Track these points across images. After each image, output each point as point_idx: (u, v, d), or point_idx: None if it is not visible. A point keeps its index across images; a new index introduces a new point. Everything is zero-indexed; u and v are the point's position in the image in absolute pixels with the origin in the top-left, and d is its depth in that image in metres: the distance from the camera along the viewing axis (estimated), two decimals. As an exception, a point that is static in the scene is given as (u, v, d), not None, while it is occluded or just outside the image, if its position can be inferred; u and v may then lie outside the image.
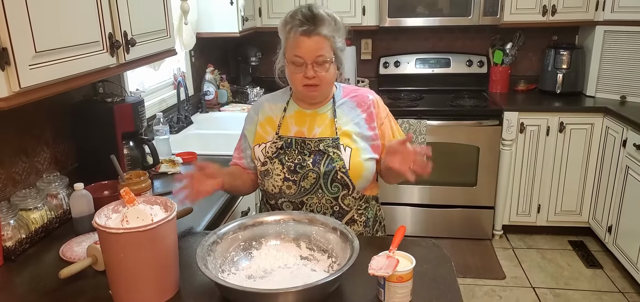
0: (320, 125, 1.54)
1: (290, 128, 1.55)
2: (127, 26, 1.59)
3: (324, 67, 1.45)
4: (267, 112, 1.60)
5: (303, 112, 1.57)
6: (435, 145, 3.25)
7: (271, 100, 1.63)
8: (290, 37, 1.46)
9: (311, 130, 1.54)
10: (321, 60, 1.44)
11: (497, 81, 3.67)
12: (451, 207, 3.47)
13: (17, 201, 1.55)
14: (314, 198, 1.51)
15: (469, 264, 3.21)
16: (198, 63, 3.27)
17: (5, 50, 1.11)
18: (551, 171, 3.33)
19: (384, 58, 3.83)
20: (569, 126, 3.22)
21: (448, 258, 1.35)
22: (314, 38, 1.42)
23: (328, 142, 1.50)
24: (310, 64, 1.44)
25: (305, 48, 1.43)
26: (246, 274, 1.26)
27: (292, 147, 1.52)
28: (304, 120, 1.55)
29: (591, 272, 3.12)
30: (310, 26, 1.42)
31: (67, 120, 1.89)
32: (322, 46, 1.43)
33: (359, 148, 1.51)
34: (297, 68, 1.46)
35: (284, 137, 1.53)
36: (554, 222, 3.45)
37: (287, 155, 1.52)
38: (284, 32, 1.49)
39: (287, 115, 1.57)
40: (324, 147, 1.50)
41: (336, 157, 1.49)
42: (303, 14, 1.43)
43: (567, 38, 3.64)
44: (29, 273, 1.37)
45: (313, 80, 1.46)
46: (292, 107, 1.59)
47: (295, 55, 1.45)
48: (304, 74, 1.45)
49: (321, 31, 1.43)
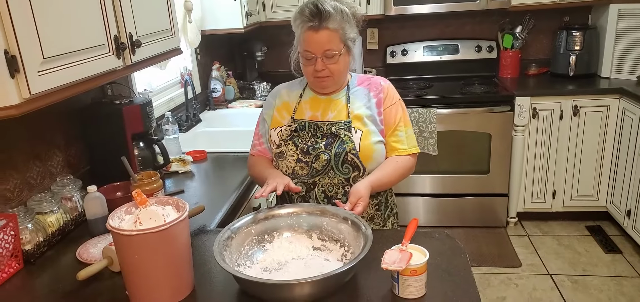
0: (333, 110, 1.59)
1: (305, 113, 1.61)
2: (131, 28, 1.60)
3: (333, 59, 1.50)
4: (284, 98, 1.66)
5: (318, 98, 1.62)
6: (446, 134, 3.24)
7: (288, 87, 1.69)
8: (300, 32, 1.51)
9: (325, 115, 1.59)
10: (330, 53, 1.49)
11: (508, 66, 3.61)
12: (464, 196, 3.44)
13: (33, 205, 1.58)
14: (326, 179, 1.54)
15: (483, 253, 3.19)
16: (204, 61, 3.28)
17: (14, 58, 1.12)
18: (566, 156, 3.28)
19: (390, 47, 3.80)
20: (583, 109, 3.17)
21: (462, 249, 1.34)
22: (322, 33, 1.47)
23: (340, 125, 1.55)
24: (320, 57, 1.49)
25: (313, 43, 1.48)
26: (261, 267, 1.28)
27: (305, 129, 1.57)
28: (319, 106, 1.60)
29: (610, 257, 3.07)
30: (316, 22, 1.46)
31: (77, 124, 1.90)
32: (330, 40, 1.47)
33: (369, 131, 1.55)
34: (308, 61, 1.52)
35: (298, 121, 1.59)
36: (570, 207, 3.41)
37: (300, 137, 1.56)
38: (295, 27, 1.54)
39: (303, 101, 1.63)
40: (335, 130, 1.54)
41: (347, 139, 1.52)
42: (309, 10, 1.47)
43: (579, 18, 3.56)
44: (48, 275, 1.40)
45: (323, 72, 1.51)
46: (307, 93, 1.64)
47: (305, 50, 1.51)
48: (314, 67, 1.51)
49: (328, 25, 1.46)
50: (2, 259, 1.36)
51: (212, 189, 1.98)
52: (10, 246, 1.37)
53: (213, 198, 1.83)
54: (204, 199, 1.82)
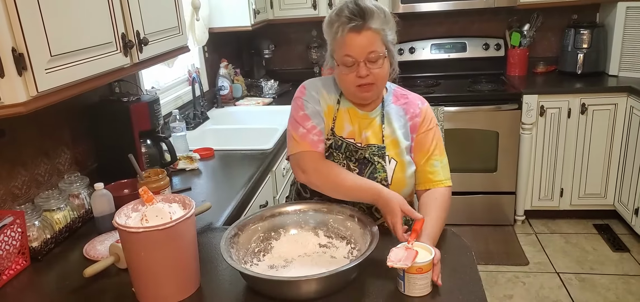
0: (368, 130, 1.45)
1: (344, 126, 1.46)
2: (139, 26, 1.60)
3: (378, 63, 1.35)
4: (327, 100, 1.48)
5: (356, 111, 1.47)
6: (454, 132, 3.22)
7: (325, 86, 1.50)
8: (338, 36, 1.34)
9: (360, 134, 1.46)
10: (374, 56, 1.34)
11: (515, 64, 3.59)
12: (472, 194, 3.42)
13: (41, 202, 1.59)
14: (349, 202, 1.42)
15: (491, 251, 3.17)
16: (211, 58, 3.28)
17: (22, 56, 1.13)
18: (573, 154, 3.26)
19: (398, 45, 3.78)
20: (591, 107, 3.14)
21: (468, 247, 1.34)
22: (365, 33, 1.32)
23: (374, 149, 1.43)
24: (363, 61, 1.34)
25: (356, 45, 1.33)
26: (268, 264, 1.29)
27: (341, 150, 1.44)
28: (355, 120, 1.47)
29: (618, 255, 3.05)
30: (359, 21, 1.31)
31: (85, 121, 1.91)
32: (373, 41, 1.33)
33: (404, 162, 1.44)
34: (348, 69, 1.36)
35: (338, 137, 1.45)
36: (577, 206, 3.38)
37: (334, 157, 1.44)
38: (331, 32, 1.38)
39: (342, 109, 1.47)
40: (369, 156, 1.43)
41: (380, 168, 1.42)
42: (350, 9, 1.33)
43: (587, 17, 3.53)
44: (55, 272, 1.40)
45: (367, 78, 1.35)
46: (344, 103, 1.48)
47: (345, 55, 1.35)
48: (356, 73, 1.35)
49: (371, 25, 1.32)
50: (10, 256, 1.37)
51: (219, 186, 1.99)
52: (17, 242, 1.38)
53: (220, 196, 1.84)
54: (211, 196, 1.83)
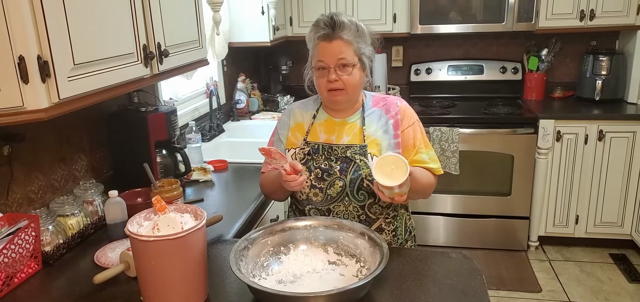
0: (349, 134, 1.54)
1: (319, 136, 1.57)
2: (160, 38, 1.64)
3: (347, 70, 1.47)
4: (298, 118, 1.62)
5: (332, 120, 1.58)
6: (468, 154, 3.20)
7: (302, 107, 1.65)
8: (313, 45, 1.50)
9: (340, 139, 1.54)
10: (343, 63, 1.46)
11: (532, 88, 3.57)
12: (485, 217, 3.38)
13: (56, 207, 1.61)
14: (341, 206, 1.51)
15: (503, 276, 3.12)
16: (230, 72, 3.33)
17: (46, 64, 1.16)
18: (590, 181, 3.21)
19: (415, 65, 3.79)
20: (609, 134, 3.10)
21: (479, 270, 1.32)
22: (336, 42, 1.46)
23: (355, 149, 1.51)
24: (333, 67, 1.47)
25: (327, 53, 1.47)
26: (276, 278, 1.28)
27: (319, 152, 1.53)
28: (333, 129, 1.56)
29: (634, 287, 2.97)
30: (330, 31, 1.46)
31: (103, 129, 1.95)
32: (343, 50, 1.46)
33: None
34: (320, 73, 1.50)
35: (312, 143, 1.55)
36: (593, 234, 3.32)
37: (314, 161, 1.53)
38: (309, 41, 1.53)
39: (317, 123, 1.59)
40: (350, 154, 1.50)
41: (363, 164, 1.49)
42: (324, 21, 1.47)
43: (606, 43, 3.50)
44: (66, 278, 1.42)
45: (336, 83, 1.48)
46: (321, 115, 1.60)
47: (318, 61, 1.49)
48: (327, 78, 1.48)
49: (342, 36, 1.46)
50: (22, 259, 1.38)
51: (231, 199, 2.00)
52: (30, 246, 1.40)
53: (231, 208, 1.85)
54: (223, 208, 1.84)
